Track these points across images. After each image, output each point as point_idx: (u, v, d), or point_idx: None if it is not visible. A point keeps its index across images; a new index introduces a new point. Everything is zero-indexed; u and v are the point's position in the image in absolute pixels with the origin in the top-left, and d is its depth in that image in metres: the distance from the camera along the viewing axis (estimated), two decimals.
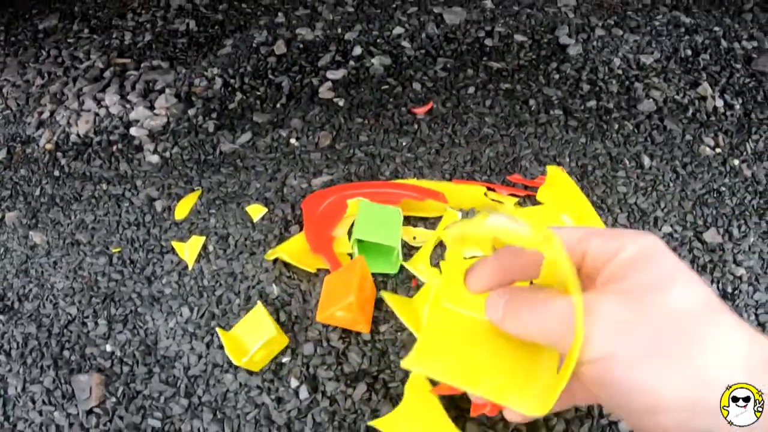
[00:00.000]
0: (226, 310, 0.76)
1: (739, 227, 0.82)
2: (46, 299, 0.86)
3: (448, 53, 1.13)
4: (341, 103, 1.02)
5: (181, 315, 0.77)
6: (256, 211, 0.84)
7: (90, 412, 0.74)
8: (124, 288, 0.83)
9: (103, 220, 0.93)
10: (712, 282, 0.76)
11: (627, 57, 1.14)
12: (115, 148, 1.03)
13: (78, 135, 1.09)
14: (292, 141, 0.96)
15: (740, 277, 0.77)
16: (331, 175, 0.88)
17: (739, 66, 1.12)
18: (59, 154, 1.07)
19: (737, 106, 1.03)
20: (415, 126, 0.97)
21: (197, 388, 0.71)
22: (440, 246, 0.79)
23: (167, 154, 0.99)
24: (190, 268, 0.82)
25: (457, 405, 0.64)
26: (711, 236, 0.81)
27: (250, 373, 0.70)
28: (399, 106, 1.01)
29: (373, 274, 0.75)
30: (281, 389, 0.68)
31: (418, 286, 0.75)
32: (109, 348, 0.78)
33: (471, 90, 1.04)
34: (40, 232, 0.96)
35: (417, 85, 1.05)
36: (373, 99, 1.02)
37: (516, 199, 0.85)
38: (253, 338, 0.69)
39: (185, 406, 0.70)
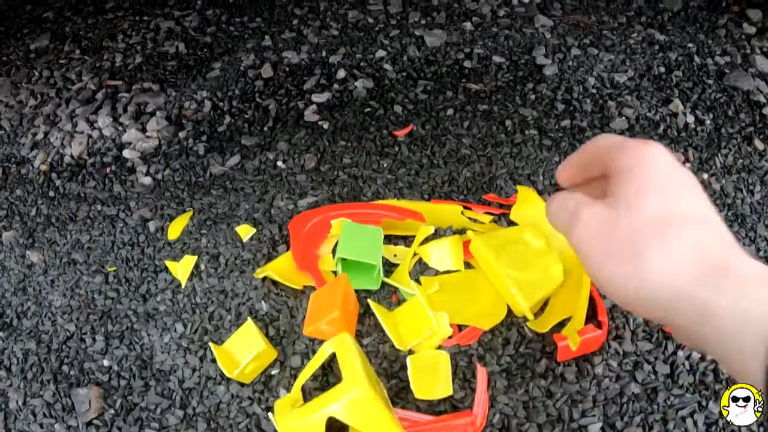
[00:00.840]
0: (218, 325, 0.81)
1: None
2: (45, 316, 0.90)
3: (428, 75, 1.19)
4: (326, 126, 1.07)
5: (175, 331, 0.82)
6: (246, 232, 0.89)
7: (89, 423, 0.78)
8: (120, 305, 0.87)
9: (98, 240, 0.97)
10: None
11: (601, 76, 1.19)
12: (108, 170, 1.08)
13: (72, 156, 1.12)
14: (279, 163, 1.01)
15: None
16: (316, 197, 0.93)
17: (711, 82, 1.16)
18: (54, 175, 1.10)
19: (708, 122, 1.08)
20: (396, 148, 1.02)
21: (192, 400, 0.76)
22: (419, 263, 0.84)
23: (159, 176, 1.03)
24: (183, 286, 0.86)
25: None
26: None
27: (242, 384, 0.75)
28: (381, 128, 1.06)
29: (357, 290, 0.80)
30: (271, 399, 0.73)
31: (399, 301, 0.80)
32: (106, 363, 0.82)
33: (450, 112, 1.10)
34: (36, 251, 0.99)
35: (398, 108, 1.10)
36: (356, 122, 1.07)
37: (491, 218, 0.90)
38: (244, 352, 0.73)
39: (180, 417, 0.75)
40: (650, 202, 0.32)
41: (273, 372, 0.75)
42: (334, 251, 0.84)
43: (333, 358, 0.75)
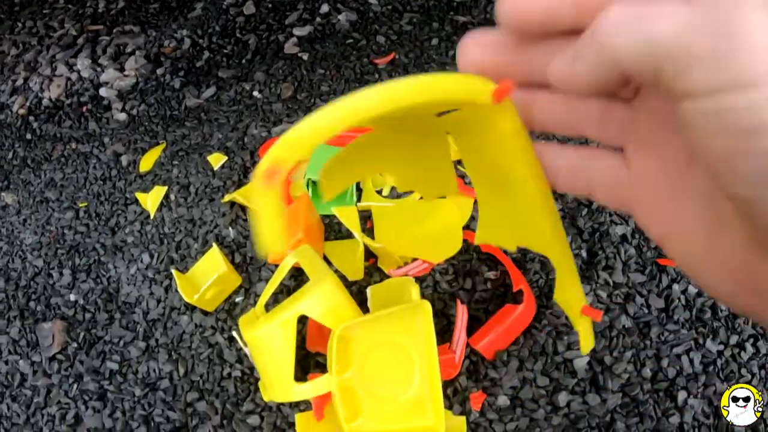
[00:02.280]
0: (185, 255, 0.74)
1: None
2: (15, 255, 0.84)
3: (414, 8, 1.10)
4: (305, 57, 0.99)
5: (141, 261, 0.76)
6: (217, 160, 0.82)
7: (53, 358, 0.72)
8: (89, 239, 0.82)
9: (71, 178, 0.91)
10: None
11: None
12: (85, 108, 1.01)
13: (50, 99, 1.07)
14: (255, 93, 0.93)
15: None
16: (291, 124, 0.86)
17: None
18: (31, 118, 1.05)
19: None
20: (376, 75, 0.94)
21: (155, 332, 0.70)
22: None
23: (134, 112, 0.97)
24: (151, 216, 0.80)
25: None
26: None
27: (206, 314, 0.68)
28: (361, 57, 0.98)
29: (325, 216, 0.73)
30: (234, 328, 0.67)
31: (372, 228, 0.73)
32: (72, 297, 0.77)
33: (435, 41, 1.01)
34: (11, 192, 0.94)
35: (381, 39, 1.02)
36: (336, 52, 0.99)
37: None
38: (206, 277, 0.67)
39: (143, 349, 0.69)
40: None
41: (237, 299, 0.69)
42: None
43: (295, 282, 0.68)
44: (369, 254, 0.69)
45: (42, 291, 0.79)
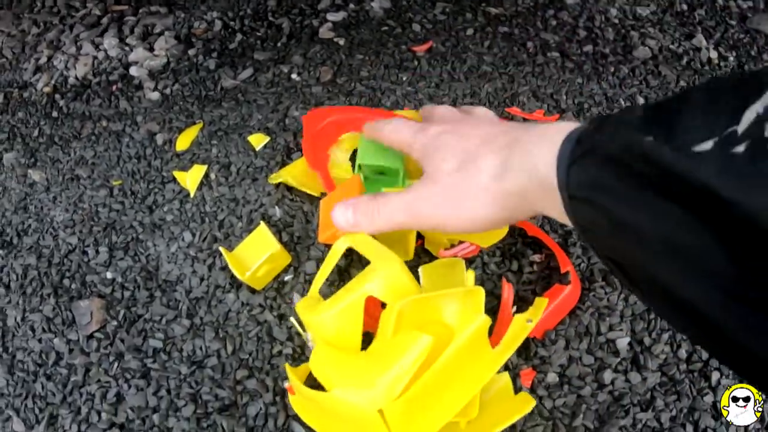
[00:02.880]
0: (229, 233, 0.73)
1: None
2: (46, 232, 0.82)
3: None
4: (341, 42, 0.98)
5: (183, 240, 0.74)
6: (259, 140, 0.81)
7: (90, 336, 0.70)
8: (125, 217, 0.80)
9: (103, 156, 0.89)
10: None
11: (624, 8, 1.11)
12: (114, 87, 0.99)
13: (76, 77, 1.04)
14: (294, 76, 0.92)
15: None
16: (333, 105, 0.85)
17: (734, 23, 1.09)
18: (57, 96, 1.02)
19: (731, 59, 1.01)
20: (415, 62, 0.93)
21: (199, 310, 0.68)
22: None
23: (168, 91, 0.95)
24: (191, 195, 0.78)
25: None
26: None
27: (253, 291, 0.67)
28: (399, 44, 0.97)
29: None
30: (283, 306, 0.65)
31: None
32: (110, 275, 0.75)
33: (470, 32, 1.01)
34: (39, 170, 0.92)
35: (416, 27, 1.01)
36: (372, 38, 0.98)
37: None
38: (256, 255, 0.65)
39: (187, 327, 0.67)
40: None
41: (286, 278, 0.67)
42: (352, 161, 0.76)
43: (349, 263, 0.67)
44: (416, 235, 0.68)
45: (77, 269, 0.77)
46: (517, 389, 0.59)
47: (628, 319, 0.63)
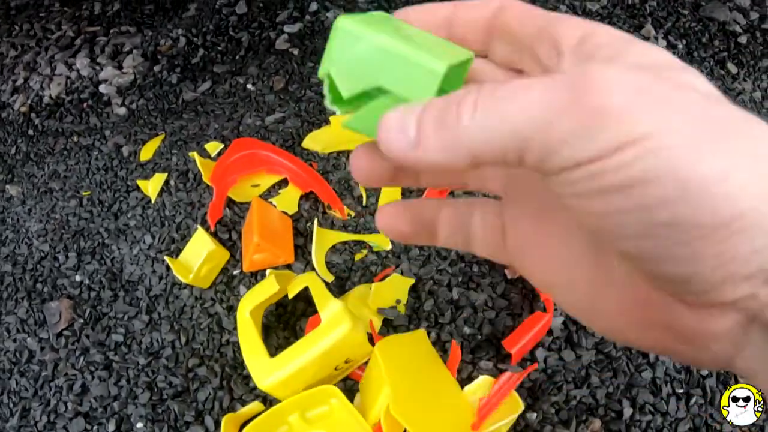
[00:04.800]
0: (185, 234, 0.78)
1: None
2: (21, 241, 0.87)
3: (400, 5, 1.14)
4: (295, 52, 1.03)
5: (144, 242, 0.79)
6: (214, 147, 0.86)
7: (60, 334, 0.75)
8: (93, 224, 0.85)
9: (74, 169, 0.94)
10: None
11: (573, 4, 1.14)
12: (85, 104, 1.05)
13: (51, 97, 1.10)
14: (249, 86, 0.97)
15: None
16: (283, 113, 0.90)
17: (686, 12, 1.09)
18: (33, 115, 1.08)
19: (680, 46, 1.02)
20: None
21: (158, 306, 0.73)
22: None
23: (134, 106, 1.00)
24: (153, 201, 0.83)
25: None
26: None
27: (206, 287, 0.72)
28: None
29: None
30: (232, 298, 0.70)
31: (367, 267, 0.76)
32: (78, 278, 0.80)
33: None
34: (16, 185, 0.97)
35: None
36: (325, 47, 1.03)
37: None
38: (197, 256, 0.70)
39: (146, 322, 0.72)
40: (698, 78, 0.16)
41: (234, 272, 0.72)
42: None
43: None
44: None
45: (48, 273, 0.82)
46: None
47: None
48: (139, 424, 0.65)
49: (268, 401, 0.63)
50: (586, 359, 0.62)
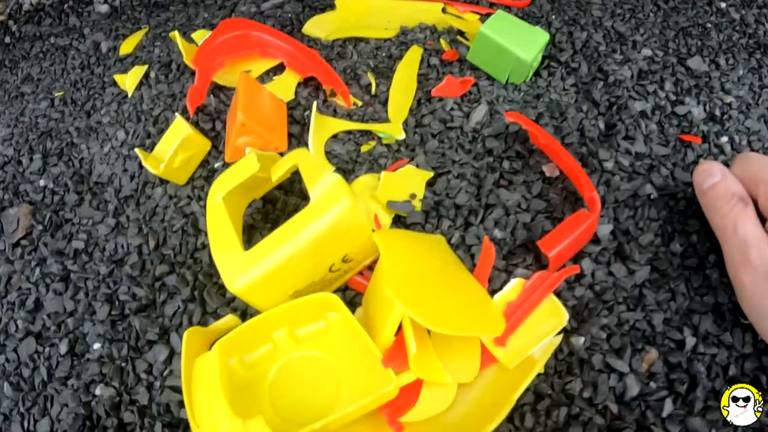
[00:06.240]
0: (163, 128, 0.64)
1: (726, 60, 0.66)
2: None
3: None
4: None
5: (116, 139, 0.65)
6: (201, 36, 0.71)
7: (16, 244, 0.62)
8: (63, 124, 0.71)
9: (48, 70, 0.81)
10: (698, 104, 0.61)
11: None
12: (66, 6, 0.91)
13: (31, 4, 0.96)
14: None
15: (729, 104, 0.61)
16: None
17: None
18: (11, 23, 0.95)
19: None
20: None
21: (127, 209, 0.60)
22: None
23: (117, 3, 0.86)
24: (129, 95, 0.70)
25: None
26: (696, 63, 0.65)
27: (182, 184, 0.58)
28: None
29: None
30: None
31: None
32: (42, 183, 0.67)
33: None
34: None
35: None
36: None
37: (477, 16, 0.71)
38: (171, 145, 0.56)
39: (112, 226, 0.59)
40: None
41: (216, 165, 0.58)
42: None
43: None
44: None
45: (11, 180, 0.69)
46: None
47: (611, 206, 0.52)
48: (96, 345, 0.52)
49: (248, 314, 0.49)
50: (640, 277, 0.48)
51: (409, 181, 0.53)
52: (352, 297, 0.47)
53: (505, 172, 0.55)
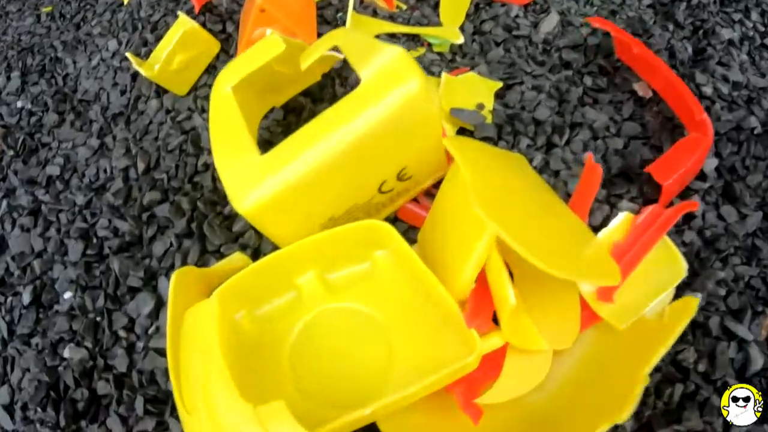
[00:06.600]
0: (162, 35, 0.51)
1: None
2: None
3: None
4: None
5: (107, 50, 0.53)
6: None
7: None
8: (47, 39, 0.59)
9: None
10: None
11: None
12: None
13: None
14: None
15: None
16: None
17: None
18: None
19: None
20: None
21: (114, 128, 0.47)
22: None
23: None
24: (125, 2, 0.57)
25: None
26: None
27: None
28: None
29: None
30: None
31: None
32: (20, 104, 0.55)
33: None
34: None
35: None
36: None
37: None
38: (169, 44, 0.44)
39: (95, 148, 0.46)
40: None
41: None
42: None
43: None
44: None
45: None
46: None
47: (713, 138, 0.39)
48: (67, 294, 0.40)
49: (261, 253, 0.36)
50: (752, 224, 0.37)
51: (474, 90, 0.40)
52: (403, 232, 0.34)
53: (588, 88, 0.43)
